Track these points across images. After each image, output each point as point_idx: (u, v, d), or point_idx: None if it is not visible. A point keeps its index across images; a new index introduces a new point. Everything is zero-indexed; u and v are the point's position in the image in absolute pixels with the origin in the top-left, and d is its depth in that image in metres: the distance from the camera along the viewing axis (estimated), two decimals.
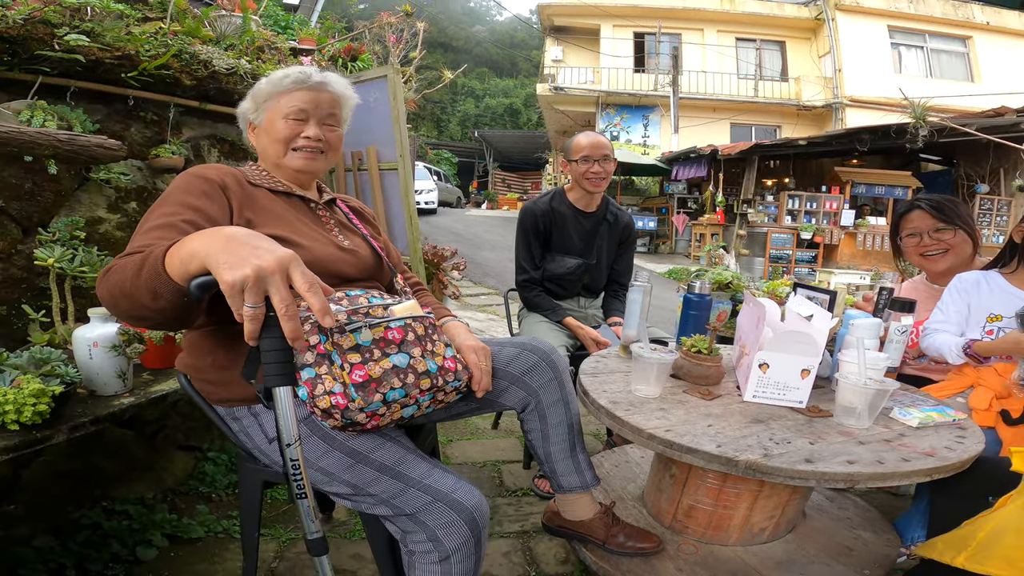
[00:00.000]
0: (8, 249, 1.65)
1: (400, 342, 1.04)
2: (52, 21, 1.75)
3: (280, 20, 4.05)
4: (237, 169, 1.19)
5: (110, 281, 0.84)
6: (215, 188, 1.07)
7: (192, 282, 0.75)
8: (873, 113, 12.85)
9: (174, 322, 0.88)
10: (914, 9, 13.94)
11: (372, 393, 0.97)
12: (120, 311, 0.85)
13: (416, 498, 0.99)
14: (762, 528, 1.38)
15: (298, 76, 1.21)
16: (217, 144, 2.40)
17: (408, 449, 1.07)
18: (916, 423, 1.22)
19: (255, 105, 1.24)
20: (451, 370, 1.10)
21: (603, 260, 2.27)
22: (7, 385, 1.16)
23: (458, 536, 0.98)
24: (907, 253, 1.87)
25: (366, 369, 0.98)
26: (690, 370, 1.42)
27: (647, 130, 14.90)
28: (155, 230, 0.93)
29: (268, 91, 1.22)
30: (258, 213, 1.11)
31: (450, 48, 33.98)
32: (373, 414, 0.99)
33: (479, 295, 6.34)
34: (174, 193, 1.03)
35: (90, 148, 1.67)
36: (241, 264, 0.70)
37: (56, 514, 1.58)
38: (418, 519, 0.99)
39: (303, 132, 1.21)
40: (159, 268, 0.78)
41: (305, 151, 1.21)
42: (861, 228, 10.64)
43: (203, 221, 0.99)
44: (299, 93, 1.20)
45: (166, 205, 1.00)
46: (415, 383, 1.03)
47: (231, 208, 1.08)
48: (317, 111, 1.22)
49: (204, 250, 0.73)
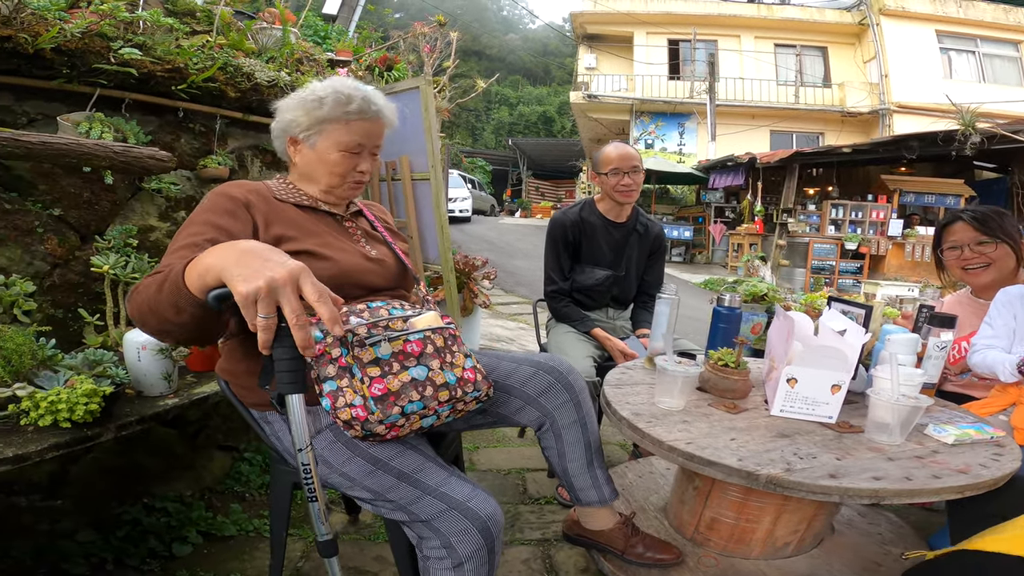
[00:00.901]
0: (67, 256, 1.76)
1: (419, 355, 1.06)
2: (107, 35, 1.82)
3: (319, 31, 4.18)
4: (263, 184, 1.21)
5: (137, 300, 0.90)
6: (239, 206, 1.11)
7: (210, 294, 0.78)
8: (923, 119, 12.37)
9: (198, 336, 0.92)
10: (963, 14, 13.41)
11: (391, 406, 1.00)
12: (148, 328, 0.90)
13: (431, 505, 1.02)
14: (786, 542, 1.35)
15: (361, 105, 1.18)
16: (260, 154, 2.50)
17: (427, 457, 1.09)
18: (952, 440, 1.18)
19: (311, 123, 1.18)
20: (470, 380, 1.12)
21: (632, 271, 2.27)
22: (61, 385, 1.24)
23: (471, 544, 1.00)
24: (948, 266, 1.82)
25: (385, 382, 1.00)
26: (716, 383, 1.40)
27: (683, 138, 14.71)
28: (180, 250, 0.98)
29: (326, 114, 1.17)
30: (287, 228, 1.14)
31: (484, 56, 34.36)
32: (392, 425, 1.02)
33: (510, 304, 6.36)
34: (200, 213, 1.08)
35: (143, 159, 1.77)
36: (254, 276, 0.73)
37: (99, 509, 1.65)
38: (433, 526, 1.01)
39: (358, 166, 1.22)
40: (179, 283, 0.82)
41: (354, 183, 1.24)
42: (910, 238, 10.21)
43: (225, 239, 1.02)
44: (358, 124, 1.19)
45: (192, 225, 1.05)
46: (433, 395, 1.05)
47: (256, 224, 1.11)
48: (370, 142, 1.23)
49: (219, 264, 0.77)
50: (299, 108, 1.19)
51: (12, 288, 1.45)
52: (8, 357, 1.26)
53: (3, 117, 1.71)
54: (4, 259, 1.62)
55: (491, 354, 1.38)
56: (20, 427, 1.20)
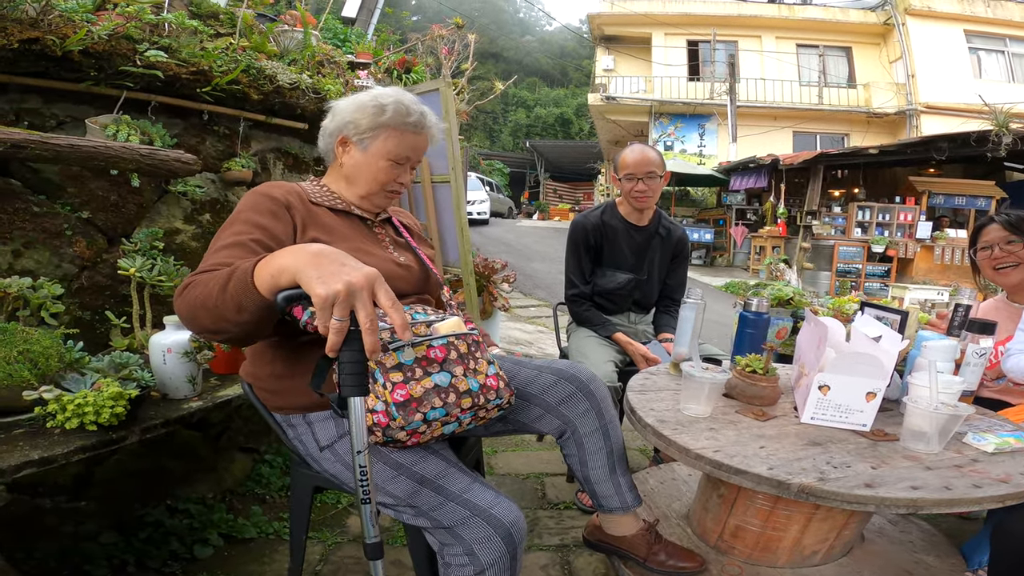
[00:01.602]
0: (94, 258, 1.78)
1: (442, 360, 1.05)
2: (134, 37, 1.83)
3: (339, 33, 4.21)
4: (298, 186, 1.22)
5: (190, 296, 0.90)
6: (280, 207, 1.12)
7: (280, 294, 0.80)
8: (951, 120, 12.07)
9: (250, 335, 0.94)
10: (992, 13, 13.07)
11: (413, 412, 0.99)
12: (199, 325, 0.91)
13: (454, 512, 1.01)
14: (814, 551, 1.31)
15: (418, 119, 1.21)
16: (281, 157, 2.52)
17: (450, 463, 1.08)
18: (992, 448, 1.14)
19: (370, 126, 1.19)
20: (492, 388, 1.11)
21: (655, 275, 2.23)
22: (88, 387, 1.25)
23: (494, 551, 0.98)
24: (982, 267, 1.84)
25: (407, 388, 0.99)
26: (744, 390, 1.37)
27: (703, 139, 14.55)
28: (226, 248, 0.99)
29: (389, 122, 1.19)
30: (322, 232, 1.15)
31: (501, 58, 34.43)
32: (414, 432, 1.01)
33: (528, 307, 6.34)
34: (243, 212, 1.09)
35: (169, 162, 1.79)
36: (333, 279, 0.75)
37: (122, 511, 1.67)
38: (455, 532, 1.00)
39: (399, 178, 1.24)
40: (248, 281, 0.83)
41: (390, 192, 1.25)
42: (939, 241, 9.96)
43: (269, 240, 1.05)
44: (411, 137, 1.22)
45: (236, 224, 1.06)
46: (456, 402, 1.04)
47: (295, 226, 1.12)
48: (415, 156, 1.25)
49: (294, 265, 0.79)
50: (360, 111, 1.20)
51: (40, 291, 1.47)
52: (35, 360, 1.27)
53: (32, 120, 1.74)
54: (33, 262, 1.65)
55: (511, 360, 1.36)
56: (46, 430, 1.21)
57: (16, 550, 1.43)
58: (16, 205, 1.62)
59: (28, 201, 1.65)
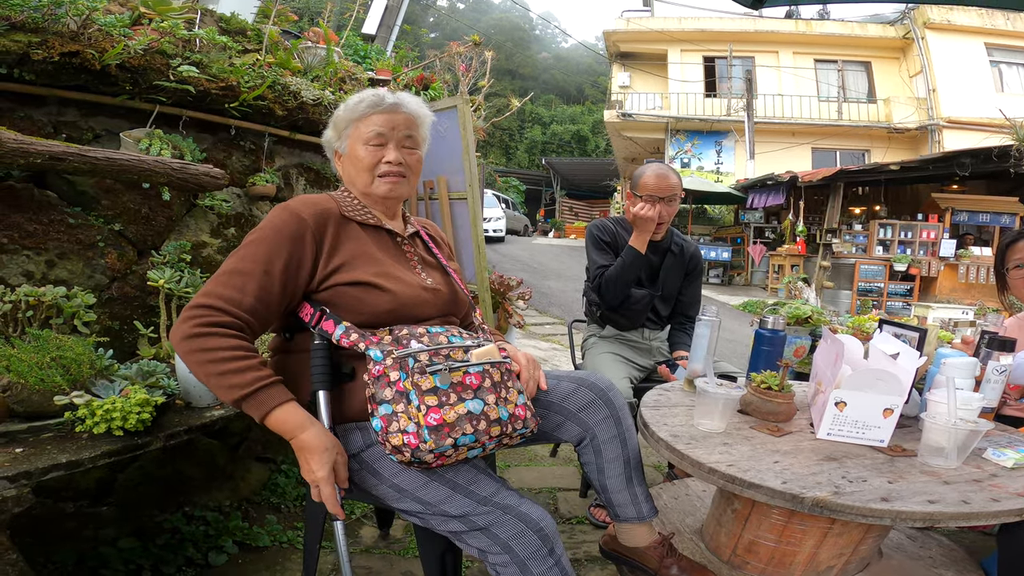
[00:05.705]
0: (125, 269, 1.84)
1: (477, 387, 1.07)
2: (167, 52, 1.88)
3: (360, 50, 4.31)
4: (330, 198, 1.24)
5: (193, 348, 1.03)
6: (306, 230, 1.14)
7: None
8: (974, 135, 11.87)
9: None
10: (1012, 26, 12.87)
11: (444, 437, 1.01)
12: (187, 369, 1.08)
13: (488, 513, 1.04)
14: (830, 566, 1.29)
15: (372, 99, 1.25)
16: (304, 172, 2.59)
17: (479, 469, 1.11)
18: (1011, 464, 1.13)
19: (337, 133, 1.29)
20: (520, 417, 1.12)
21: (669, 291, 2.23)
22: (116, 394, 1.29)
23: (529, 545, 1.02)
24: (1013, 286, 1.78)
25: (441, 413, 1.01)
26: (759, 406, 1.36)
27: (720, 156, 14.49)
28: (237, 275, 1.08)
29: (346, 118, 1.26)
30: (348, 254, 1.17)
31: (517, 75, 34.77)
32: (441, 455, 1.02)
33: (543, 324, 6.34)
34: (266, 230, 1.12)
35: (199, 176, 1.85)
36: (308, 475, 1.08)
37: (142, 517, 1.70)
38: (491, 532, 1.03)
39: (384, 157, 1.24)
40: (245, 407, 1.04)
41: (389, 177, 1.25)
42: (963, 259, 9.76)
43: (279, 274, 1.11)
44: (375, 117, 1.24)
45: (253, 246, 1.11)
46: (486, 430, 1.06)
47: (320, 250, 1.15)
48: (394, 133, 1.25)
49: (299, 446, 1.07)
50: (330, 127, 1.31)
51: (74, 300, 1.52)
52: (68, 366, 1.32)
53: (70, 132, 1.81)
54: (66, 272, 1.71)
55: None
56: (75, 434, 1.25)
57: (37, 553, 1.47)
58: (52, 216, 1.69)
59: (64, 213, 1.72)
